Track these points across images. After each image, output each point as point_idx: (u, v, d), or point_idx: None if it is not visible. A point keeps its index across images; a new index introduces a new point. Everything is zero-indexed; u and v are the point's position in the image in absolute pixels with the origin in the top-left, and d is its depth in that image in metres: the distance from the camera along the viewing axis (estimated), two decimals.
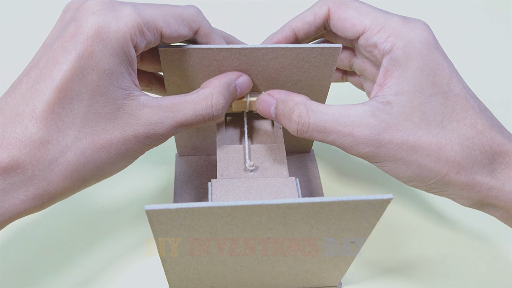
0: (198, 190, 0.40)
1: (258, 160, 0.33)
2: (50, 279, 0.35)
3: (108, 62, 0.25)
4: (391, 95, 0.28)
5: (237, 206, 0.22)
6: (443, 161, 0.28)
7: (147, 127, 0.27)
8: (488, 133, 0.28)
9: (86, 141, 0.26)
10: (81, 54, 0.25)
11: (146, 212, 0.22)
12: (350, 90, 0.40)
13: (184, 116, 0.28)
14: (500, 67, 0.55)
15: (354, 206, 0.23)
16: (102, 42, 0.25)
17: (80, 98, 0.25)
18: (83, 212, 0.39)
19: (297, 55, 0.30)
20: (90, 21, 0.25)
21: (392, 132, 0.28)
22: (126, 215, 0.39)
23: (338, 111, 0.28)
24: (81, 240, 0.37)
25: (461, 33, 0.59)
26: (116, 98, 0.26)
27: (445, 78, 0.28)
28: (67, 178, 0.26)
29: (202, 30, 0.30)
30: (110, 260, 0.36)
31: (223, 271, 0.30)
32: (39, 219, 0.38)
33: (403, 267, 0.36)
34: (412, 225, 0.39)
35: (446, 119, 0.28)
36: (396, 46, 0.28)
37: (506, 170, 0.28)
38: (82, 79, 0.25)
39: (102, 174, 0.28)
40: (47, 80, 0.25)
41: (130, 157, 0.28)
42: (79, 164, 0.26)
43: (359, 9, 0.30)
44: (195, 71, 0.31)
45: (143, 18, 0.26)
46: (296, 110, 0.29)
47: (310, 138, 0.29)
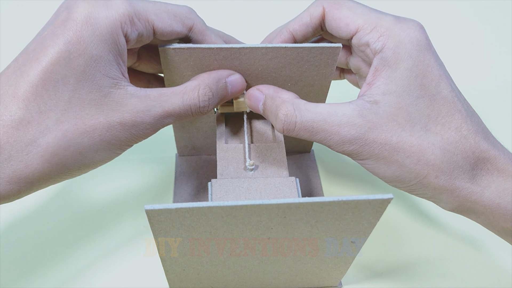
0: (198, 190, 0.40)
1: (258, 160, 0.33)
2: (50, 279, 0.35)
3: (96, 48, 0.25)
4: (378, 94, 0.28)
5: (237, 206, 0.22)
6: (422, 163, 0.28)
7: (134, 115, 0.27)
8: (472, 139, 0.28)
9: (69, 124, 0.25)
10: (69, 39, 0.25)
11: (146, 212, 0.22)
12: (348, 88, 0.40)
13: (172, 105, 0.28)
14: (498, 68, 0.55)
15: (354, 206, 0.23)
16: (91, 28, 0.25)
17: (65, 82, 0.25)
18: (83, 212, 0.39)
19: (297, 55, 0.30)
20: (81, 8, 0.25)
21: (377, 132, 0.28)
22: (126, 215, 0.39)
23: (326, 110, 0.28)
24: (81, 240, 0.37)
25: (458, 32, 0.59)
26: (103, 85, 0.26)
27: (434, 80, 0.28)
28: (46, 161, 0.25)
29: (196, 27, 0.30)
30: (110, 260, 0.36)
31: (223, 271, 0.30)
32: (38, 218, 0.38)
33: (403, 267, 0.36)
34: (412, 225, 0.39)
35: (431, 122, 0.28)
36: (387, 46, 0.28)
37: (487, 176, 0.28)
38: (68, 62, 0.25)
39: (84, 161, 0.27)
40: (33, 63, 0.25)
41: (115, 146, 0.27)
42: (60, 147, 0.25)
43: (353, 8, 0.30)
44: (195, 70, 0.31)
45: (134, 8, 0.27)
46: (283, 108, 0.28)
47: (296, 137, 0.29)
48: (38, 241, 0.37)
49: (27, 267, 0.35)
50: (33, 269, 0.35)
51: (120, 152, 0.28)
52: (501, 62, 0.55)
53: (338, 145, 0.28)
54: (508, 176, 0.28)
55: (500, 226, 0.29)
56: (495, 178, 0.28)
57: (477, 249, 0.38)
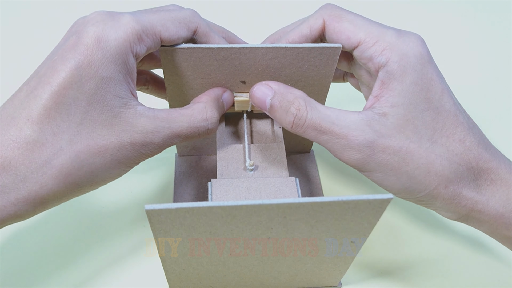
0: (198, 190, 0.40)
1: (258, 160, 0.33)
2: (50, 280, 0.35)
3: (106, 70, 0.26)
4: (387, 107, 0.28)
5: (237, 206, 0.22)
6: (432, 174, 0.28)
7: (143, 135, 0.27)
8: (475, 150, 0.29)
9: (81, 145, 0.26)
10: (80, 63, 0.25)
11: (146, 212, 0.22)
12: (350, 92, 0.40)
13: (180, 127, 0.29)
14: (496, 73, 0.55)
15: (354, 206, 0.23)
16: (102, 51, 0.26)
17: (77, 105, 0.26)
18: (83, 212, 0.39)
19: (297, 55, 0.30)
20: (90, 32, 0.26)
21: (386, 141, 0.28)
22: (126, 215, 0.39)
23: (335, 113, 0.28)
24: (81, 240, 0.37)
25: (455, 39, 0.59)
26: (113, 106, 0.26)
27: (437, 93, 0.29)
28: (60, 182, 0.26)
29: (200, 30, 0.30)
30: (110, 260, 0.36)
31: (223, 271, 0.30)
32: (39, 219, 0.38)
33: (403, 267, 0.36)
34: (412, 225, 0.39)
35: (436, 134, 0.29)
36: (391, 59, 0.28)
37: (490, 186, 0.29)
38: (80, 86, 0.25)
39: (96, 180, 0.28)
40: (45, 86, 0.25)
41: (125, 165, 0.28)
42: (73, 167, 0.26)
43: (354, 21, 0.30)
44: (196, 70, 0.31)
45: (142, 25, 0.27)
46: (295, 103, 0.28)
47: (302, 135, 0.29)
48: (38, 241, 0.37)
49: (27, 267, 0.35)
50: (32, 269, 0.35)
51: (128, 170, 0.29)
52: (499, 67, 0.55)
53: (345, 150, 0.28)
54: (510, 186, 0.29)
55: (502, 234, 0.30)
56: (499, 188, 0.29)
57: (477, 249, 0.38)
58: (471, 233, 0.38)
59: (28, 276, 0.35)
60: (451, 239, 0.38)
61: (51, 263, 0.35)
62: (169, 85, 0.33)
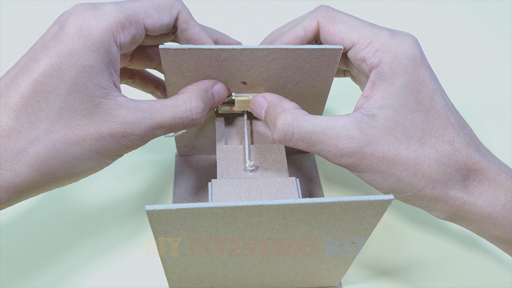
0: (198, 190, 0.40)
1: (258, 161, 0.33)
2: (50, 279, 0.34)
3: (88, 58, 0.26)
4: (375, 108, 0.29)
5: (238, 206, 0.22)
6: (419, 176, 0.29)
7: (124, 126, 0.27)
8: (464, 151, 0.29)
9: (59, 134, 0.26)
10: (61, 51, 0.25)
11: (146, 212, 0.22)
12: (350, 89, 0.40)
13: (162, 118, 0.28)
14: (495, 74, 0.55)
15: (355, 207, 0.23)
16: (83, 39, 0.25)
17: (56, 93, 0.25)
18: (83, 212, 0.39)
19: (298, 56, 0.30)
20: (72, 22, 0.26)
21: (375, 146, 0.28)
22: (126, 215, 0.39)
23: (325, 122, 0.29)
24: (81, 239, 0.37)
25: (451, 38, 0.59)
26: (94, 95, 0.26)
27: (428, 95, 0.29)
28: (36, 170, 0.26)
29: (181, 16, 0.30)
30: (110, 260, 0.36)
31: (223, 271, 0.30)
32: (38, 219, 0.38)
33: (403, 268, 0.36)
34: (412, 225, 0.39)
35: (426, 136, 0.29)
36: (383, 61, 0.29)
37: (478, 187, 0.29)
38: (59, 74, 0.25)
39: (74, 171, 0.27)
40: (25, 75, 0.25)
41: (105, 156, 0.28)
42: (49, 156, 0.26)
43: (348, 23, 0.30)
44: (196, 71, 0.31)
45: (124, 13, 0.27)
46: (281, 117, 0.29)
47: (294, 147, 0.29)
48: (38, 241, 0.37)
49: (27, 267, 0.35)
50: (32, 269, 0.35)
51: (110, 162, 0.29)
52: (498, 68, 0.55)
53: (336, 157, 0.29)
54: (499, 186, 0.29)
55: (490, 233, 0.30)
56: (486, 188, 0.29)
57: (477, 249, 0.38)
58: (470, 233, 0.38)
59: (26, 275, 0.35)
60: (451, 239, 0.38)
61: (50, 263, 0.35)
62: (170, 86, 0.32)
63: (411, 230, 0.39)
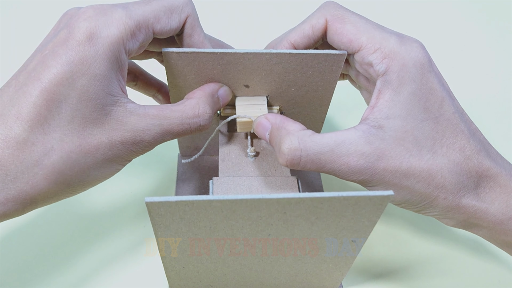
0: (200, 191, 0.40)
1: (259, 160, 0.33)
2: (50, 279, 0.34)
3: (99, 67, 0.25)
4: (382, 118, 0.28)
5: (237, 200, 0.22)
6: (432, 187, 0.28)
7: (134, 133, 0.27)
8: (475, 158, 0.29)
9: (73, 145, 0.26)
10: (72, 59, 0.25)
11: (146, 204, 0.22)
12: (351, 92, 0.40)
13: (171, 124, 0.28)
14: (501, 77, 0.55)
15: (354, 203, 0.23)
16: (94, 48, 0.25)
17: (68, 102, 0.25)
18: (83, 212, 0.39)
19: (301, 61, 0.30)
20: (82, 27, 0.25)
21: (386, 160, 0.28)
22: (126, 215, 0.39)
23: (333, 140, 0.28)
24: (81, 240, 0.37)
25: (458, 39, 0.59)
26: (105, 104, 0.26)
27: (437, 102, 0.29)
28: (52, 182, 0.25)
29: (189, 20, 0.30)
30: (110, 260, 0.36)
31: (222, 270, 0.30)
32: (38, 219, 0.38)
33: (403, 269, 0.36)
34: (412, 225, 0.39)
35: (436, 144, 0.28)
36: (391, 69, 0.28)
37: (490, 194, 0.29)
38: (71, 83, 0.25)
39: (87, 180, 0.27)
40: (35, 82, 0.25)
41: (116, 163, 0.28)
42: (65, 168, 0.26)
43: (357, 24, 0.29)
44: (199, 74, 0.31)
45: (134, 20, 0.27)
46: (286, 141, 0.27)
47: (303, 169, 0.28)
48: (38, 241, 0.37)
49: (27, 267, 0.35)
50: (32, 268, 0.35)
51: (120, 168, 0.29)
52: (503, 71, 0.55)
53: (347, 175, 0.28)
54: (510, 193, 0.29)
55: (501, 239, 0.30)
56: (498, 195, 0.29)
57: (477, 249, 0.37)
58: (471, 233, 0.38)
59: (27, 276, 0.35)
60: (451, 240, 0.38)
61: (50, 262, 0.35)
62: (172, 88, 0.33)
63: (411, 231, 0.39)
